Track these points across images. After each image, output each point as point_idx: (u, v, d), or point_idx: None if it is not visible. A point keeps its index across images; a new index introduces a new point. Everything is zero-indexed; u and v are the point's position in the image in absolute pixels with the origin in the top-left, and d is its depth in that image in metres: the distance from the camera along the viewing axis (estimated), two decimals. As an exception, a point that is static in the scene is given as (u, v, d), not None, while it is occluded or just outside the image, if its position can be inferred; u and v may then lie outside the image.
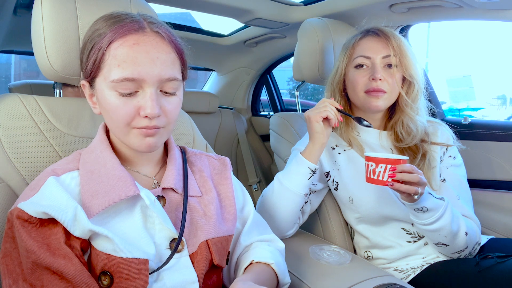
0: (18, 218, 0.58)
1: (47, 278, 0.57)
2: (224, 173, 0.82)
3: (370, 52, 1.08)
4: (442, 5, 1.29)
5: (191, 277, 0.67)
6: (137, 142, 0.65)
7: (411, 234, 1.09)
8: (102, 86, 0.64)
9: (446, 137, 1.14)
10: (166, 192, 0.72)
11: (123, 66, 0.61)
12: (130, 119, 0.63)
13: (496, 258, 0.96)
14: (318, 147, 1.03)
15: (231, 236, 0.76)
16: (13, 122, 0.78)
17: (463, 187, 1.11)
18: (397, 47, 1.05)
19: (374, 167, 0.89)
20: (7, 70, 5.93)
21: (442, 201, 0.95)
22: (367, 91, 1.07)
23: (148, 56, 0.62)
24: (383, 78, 1.05)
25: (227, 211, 0.78)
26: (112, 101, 0.63)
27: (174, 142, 0.80)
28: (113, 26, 0.64)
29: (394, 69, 1.06)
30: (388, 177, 0.88)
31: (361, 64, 1.09)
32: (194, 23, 2.66)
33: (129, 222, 0.65)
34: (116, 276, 0.61)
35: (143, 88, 0.63)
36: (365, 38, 1.11)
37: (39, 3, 0.79)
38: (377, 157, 0.89)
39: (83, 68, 0.68)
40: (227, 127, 2.41)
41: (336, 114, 1.01)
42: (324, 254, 0.98)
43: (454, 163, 1.13)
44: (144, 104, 0.62)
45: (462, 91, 6.19)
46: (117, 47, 0.62)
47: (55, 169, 0.66)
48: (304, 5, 1.63)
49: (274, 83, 2.62)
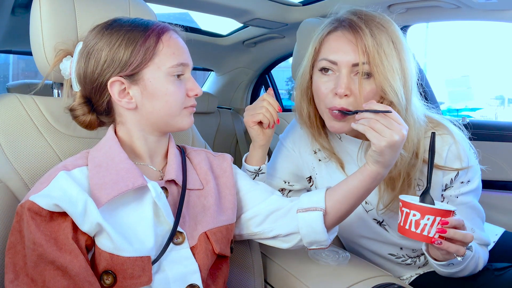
0: (29, 210, 0.59)
1: (49, 274, 0.57)
2: (223, 166, 0.84)
3: (336, 55, 0.83)
4: (441, 6, 1.30)
5: (192, 268, 0.70)
6: (186, 119, 0.75)
7: (402, 258, 1.01)
8: (154, 75, 0.70)
9: (455, 156, 0.88)
10: (169, 184, 0.75)
11: (177, 53, 0.72)
12: (184, 99, 0.73)
13: (493, 271, 0.89)
14: (257, 149, 0.95)
15: (231, 225, 0.79)
16: (11, 122, 0.78)
17: (476, 212, 0.93)
18: (372, 50, 0.79)
19: (417, 218, 0.71)
20: (5, 70, 5.92)
21: (470, 251, 0.82)
22: (330, 109, 0.85)
23: (184, 46, 0.75)
24: (349, 93, 0.82)
25: (227, 200, 0.80)
26: (170, 87, 0.71)
27: (173, 140, 0.82)
28: (152, 26, 0.72)
29: (369, 79, 0.82)
30: (435, 233, 0.71)
31: (326, 68, 0.86)
32: (192, 23, 2.66)
33: (138, 214, 0.67)
34: (120, 275, 0.62)
35: (185, 73, 0.74)
36: (335, 32, 0.86)
37: (37, 3, 0.79)
38: (422, 205, 0.72)
39: (117, 64, 0.68)
40: (226, 127, 2.41)
41: (272, 115, 0.88)
42: (322, 254, 0.98)
43: (469, 188, 0.90)
44: (193, 86, 0.74)
45: (460, 91, 6.22)
46: (168, 38, 0.72)
47: (66, 165, 0.67)
48: (303, 6, 1.63)
49: (273, 83, 2.62)
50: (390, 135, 0.68)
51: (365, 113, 0.71)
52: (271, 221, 0.81)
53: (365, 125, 0.70)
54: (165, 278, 0.67)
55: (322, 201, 0.78)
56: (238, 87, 2.59)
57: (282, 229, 0.80)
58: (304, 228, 0.78)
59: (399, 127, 0.69)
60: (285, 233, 0.80)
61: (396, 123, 0.69)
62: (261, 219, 0.81)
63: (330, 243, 0.80)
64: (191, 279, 0.69)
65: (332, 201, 0.77)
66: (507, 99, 9.85)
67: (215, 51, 2.31)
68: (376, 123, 0.69)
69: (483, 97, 15.27)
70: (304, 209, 0.78)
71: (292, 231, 0.79)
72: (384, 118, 0.69)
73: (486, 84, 28.32)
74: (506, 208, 1.44)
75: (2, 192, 0.73)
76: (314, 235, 0.78)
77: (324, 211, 0.77)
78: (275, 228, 0.81)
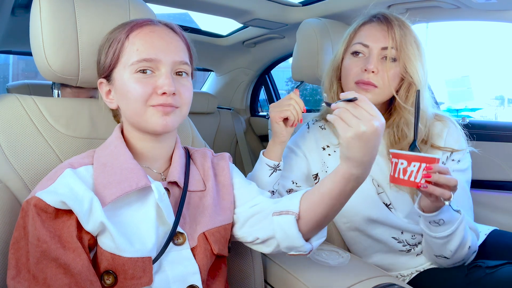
0: (35, 206, 0.59)
1: (51, 272, 0.57)
2: (221, 165, 0.84)
3: (369, 40, 0.99)
4: (440, 6, 1.30)
5: (193, 269, 0.70)
6: (154, 120, 0.69)
7: (402, 243, 1.05)
8: (121, 73, 0.70)
9: (454, 139, 1.03)
10: (171, 185, 0.75)
11: (141, 49, 0.68)
12: (147, 96, 0.68)
13: (485, 269, 0.92)
14: (277, 145, 0.99)
15: (229, 225, 0.78)
16: (11, 122, 0.78)
17: (465, 194, 1.02)
18: (400, 38, 0.95)
19: (405, 165, 0.79)
20: (5, 70, 5.93)
21: (459, 214, 0.88)
22: (357, 82, 0.99)
23: (163, 41, 0.70)
24: (376, 71, 0.96)
25: (225, 199, 0.80)
26: (131, 84, 0.68)
27: (180, 142, 0.82)
28: (129, 24, 0.72)
29: (394, 63, 0.97)
30: (421, 178, 0.78)
31: (358, 51, 1.01)
32: (192, 24, 2.66)
33: (141, 214, 0.68)
34: (121, 276, 0.62)
35: (159, 69, 0.69)
36: (368, 24, 1.02)
37: (37, 3, 0.79)
38: (408, 154, 0.80)
39: (101, 66, 0.74)
40: (226, 127, 2.41)
41: (298, 113, 0.95)
42: (322, 254, 0.98)
43: (458, 167, 1.02)
44: (162, 83, 0.68)
45: (460, 91, 6.22)
46: (135, 35, 0.70)
47: (71, 163, 0.68)
48: (303, 6, 1.63)
49: (273, 83, 2.62)
50: (356, 125, 0.61)
51: (339, 103, 0.65)
52: (251, 224, 0.78)
53: (336, 115, 0.65)
54: (165, 279, 0.67)
55: (296, 204, 0.71)
56: (238, 88, 2.59)
57: (260, 233, 0.76)
58: (279, 232, 0.72)
59: (369, 117, 0.61)
60: (263, 237, 0.76)
61: (366, 113, 0.62)
62: (242, 222, 0.79)
63: (310, 250, 0.73)
64: (191, 279, 0.69)
65: (307, 204, 0.71)
66: (507, 99, 9.85)
67: (215, 51, 2.31)
68: (345, 112, 0.63)
69: (483, 97, 15.29)
70: (278, 212, 0.73)
71: (270, 236, 0.75)
72: (354, 108, 0.63)
73: (486, 84, 28.33)
74: (506, 208, 1.44)
75: (2, 192, 0.73)
76: (288, 240, 0.72)
77: (296, 215, 0.70)
78: (254, 232, 0.77)
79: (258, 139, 2.56)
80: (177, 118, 0.71)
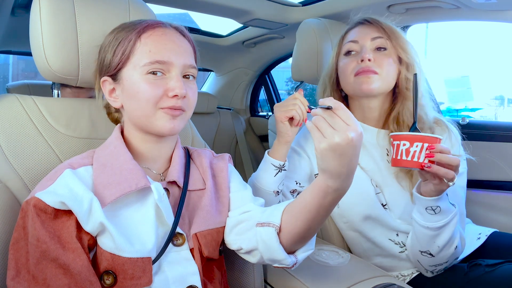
0: (35, 206, 0.59)
1: (51, 272, 0.58)
2: (220, 165, 0.84)
3: (357, 36, 1.05)
4: (440, 6, 1.30)
5: (192, 269, 0.70)
6: (162, 123, 0.69)
7: (399, 245, 1.05)
8: (131, 73, 0.69)
9: (452, 145, 1.03)
10: (171, 186, 0.75)
11: (154, 51, 0.68)
12: (158, 98, 0.68)
13: (484, 267, 0.92)
14: (282, 145, 1.00)
15: (222, 228, 0.78)
16: (11, 122, 0.78)
17: (458, 199, 1.00)
18: (388, 30, 1.02)
19: (407, 146, 0.78)
20: (5, 70, 5.92)
21: (454, 207, 0.89)
22: (356, 74, 1.01)
23: (175, 44, 0.71)
24: (372, 59, 1.00)
25: (221, 201, 0.80)
26: (142, 85, 0.68)
27: (180, 142, 0.82)
28: (140, 25, 0.71)
29: (386, 51, 1.02)
30: (424, 158, 0.78)
31: (350, 50, 1.06)
32: (192, 24, 2.66)
33: (140, 215, 0.68)
34: (121, 276, 0.62)
35: (170, 72, 0.69)
36: (355, 28, 1.09)
37: (37, 4, 0.79)
38: (410, 134, 0.79)
39: (107, 64, 0.72)
40: (226, 127, 2.41)
41: (303, 113, 0.95)
42: (322, 255, 0.98)
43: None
44: (173, 85, 0.68)
45: (460, 91, 6.22)
46: (148, 36, 0.70)
47: (71, 163, 0.68)
48: (302, 6, 1.63)
49: (273, 83, 2.62)
50: (331, 136, 0.57)
51: (317, 109, 0.61)
52: (237, 232, 0.77)
53: (312, 123, 0.61)
54: (165, 279, 0.67)
55: (278, 216, 0.70)
56: (238, 88, 2.59)
57: (244, 243, 0.75)
58: (261, 244, 0.72)
59: (344, 127, 0.57)
60: (247, 248, 0.75)
61: (342, 123, 0.57)
62: (230, 227, 0.78)
63: (294, 263, 0.72)
64: (190, 280, 0.70)
65: (287, 216, 0.70)
66: (507, 99, 9.84)
67: (215, 51, 2.31)
68: (320, 121, 0.59)
69: (483, 97, 15.26)
70: (261, 224, 0.72)
71: (254, 247, 0.74)
72: (331, 116, 0.59)
73: (486, 84, 28.29)
74: (506, 208, 1.44)
75: (2, 193, 0.73)
76: (269, 252, 0.71)
77: (277, 227, 0.69)
78: (239, 241, 0.76)
79: (258, 139, 2.56)
80: (183, 121, 0.72)
